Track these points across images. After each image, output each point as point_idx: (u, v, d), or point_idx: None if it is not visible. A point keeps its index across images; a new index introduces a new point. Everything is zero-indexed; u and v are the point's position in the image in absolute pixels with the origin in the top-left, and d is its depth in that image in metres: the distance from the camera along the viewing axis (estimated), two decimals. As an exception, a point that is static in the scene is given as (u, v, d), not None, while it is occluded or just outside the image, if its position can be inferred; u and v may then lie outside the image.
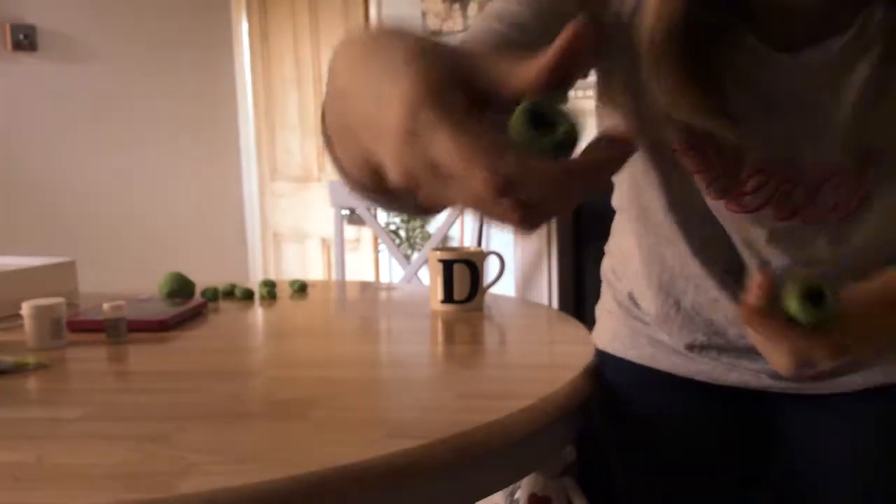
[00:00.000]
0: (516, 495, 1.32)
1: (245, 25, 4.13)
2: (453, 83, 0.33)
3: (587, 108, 0.77)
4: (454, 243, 2.87)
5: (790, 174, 0.68)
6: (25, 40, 3.39)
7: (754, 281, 0.48)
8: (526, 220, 0.31)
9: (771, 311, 0.45)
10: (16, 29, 3.37)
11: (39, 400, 0.72)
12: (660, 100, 0.66)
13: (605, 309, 0.95)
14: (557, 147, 0.30)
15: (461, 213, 2.32)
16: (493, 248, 1.35)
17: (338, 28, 3.84)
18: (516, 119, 0.31)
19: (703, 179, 0.71)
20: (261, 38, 4.12)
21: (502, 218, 0.32)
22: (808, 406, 0.77)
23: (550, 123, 0.30)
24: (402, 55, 0.34)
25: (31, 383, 0.76)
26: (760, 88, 0.66)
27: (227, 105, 4.15)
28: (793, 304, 0.46)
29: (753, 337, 0.47)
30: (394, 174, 0.33)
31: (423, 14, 3.49)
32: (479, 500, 0.62)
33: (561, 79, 0.32)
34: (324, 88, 0.44)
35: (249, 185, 4.24)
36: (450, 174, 0.31)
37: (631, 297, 0.88)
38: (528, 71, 0.32)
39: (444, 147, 0.30)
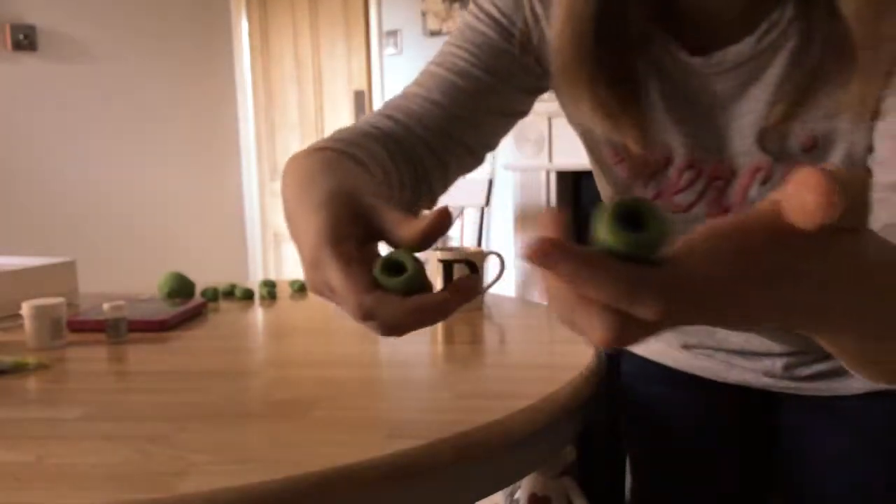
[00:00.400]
0: (516, 495, 1.32)
1: (245, 25, 4.13)
2: (353, 224, 0.45)
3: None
4: (454, 243, 2.87)
5: (720, 170, 0.68)
6: (25, 40, 3.39)
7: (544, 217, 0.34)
8: (388, 334, 0.44)
9: (569, 247, 0.30)
10: (16, 29, 3.37)
11: (39, 400, 0.72)
12: (574, 115, 0.67)
13: None
14: (405, 287, 0.42)
15: (461, 213, 2.33)
16: (493, 248, 1.35)
17: (338, 28, 3.84)
18: (377, 266, 0.43)
19: (636, 185, 0.71)
20: (261, 37, 4.13)
21: (373, 330, 0.44)
22: (809, 407, 0.78)
23: (403, 269, 0.43)
24: (318, 199, 0.46)
25: (31, 383, 0.76)
26: (681, 91, 0.66)
27: (227, 105, 4.15)
28: (603, 230, 0.31)
29: (554, 303, 0.32)
30: (307, 285, 0.46)
31: (423, 14, 3.49)
32: (479, 500, 0.62)
33: (427, 242, 0.44)
34: (323, 89, 0.50)
35: (249, 185, 4.24)
36: (338, 297, 0.44)
37: None
38: (407, 231, 0.44)
39: (333, 279, 0.43)
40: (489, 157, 0.76)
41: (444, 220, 0.43)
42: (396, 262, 0.44)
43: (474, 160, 0.72)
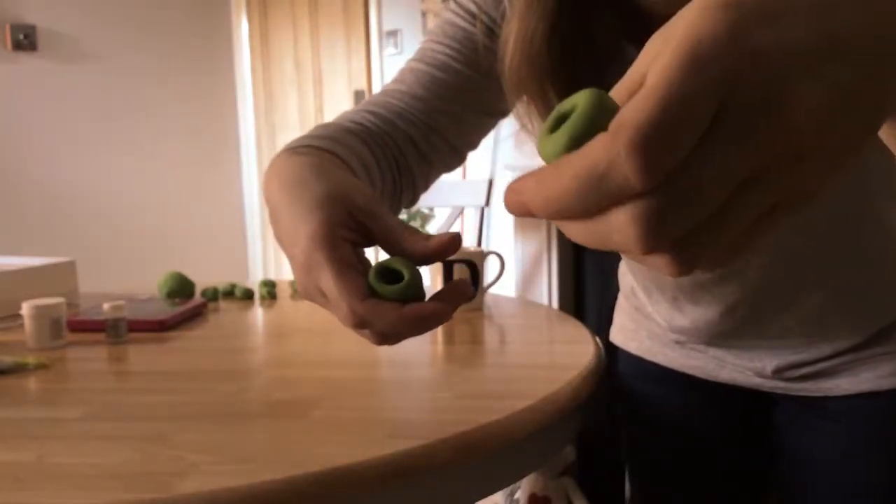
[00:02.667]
0: (516, 495, 1.32)
1: (245, 26, 4.13)
2: (348, 228, 0.44)
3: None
4: (454, 243, 2.86)
5: None
6: (25, 40, 3.39)
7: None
8: (382, 343, 0.44)
9: (522, 184, 0.25)
10: (16, 29, 3.37)
11: (39, 400, 0.72)
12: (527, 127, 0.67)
13: (618, 303, 0.97)
14: (401, 295, 0.42)
15: (461, 213, 2.33)
16: (493, 248, 1.35)
17: (338, 28, 3.84)
18: (371, 273, 0.43)
19: None
20: (261, 38, 4.13)
21: (367, 338, 0.44)
22: (800, 407, 0.78)
23: (398, 276, 0.42)
24: (311, 201, 0.45)
25: (31, 383, 0.76)
26: None
27: (227, 105, 4.15)
28: (540, 140, 0.26)
29: (579, 236, 0.25)
30: (298, 289, 0.45)
31: (423, 14, 3.49)
32: (479, 500, 0.62)
33: (433, 260, 0.43)
34: (323, 90, 0.48)
35: (249, 185, 4.24)
36: (330, 303, 0.43)
37: (633, 290, 0.89)
38: (415, 245, 0.44)
39: (326, 284, 0.42)
40: (489, 157, 0.76)
41: (455, 244, 0.43)
42: (392, 270, 0.43)
43: (457, 158, 0.71)
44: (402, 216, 3.16)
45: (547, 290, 2.79)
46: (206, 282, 1.25)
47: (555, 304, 2.70)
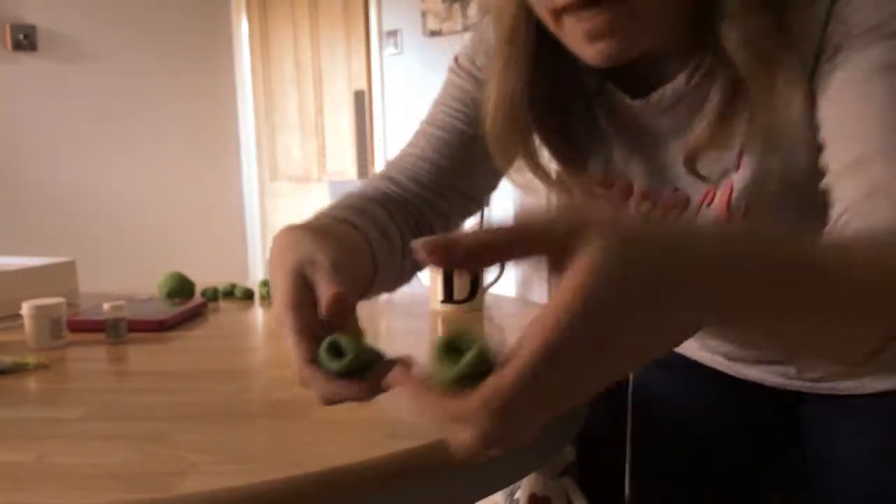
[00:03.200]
0: (516, 495, 1.32)
1: (245, 26, 4.13)
2: (311, 291, 0.49)
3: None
4: (454, 243, 2.86)
5: (675, 200, 0.69)
6: (25, 40, 3.40)
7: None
8: (326, 404, 0.47)
9: (410, 378, 0.36)
10: (16, 29, 3.37)
11: (39, 400, 0.72)
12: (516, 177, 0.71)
13: None
14: (347, 370, 0.44)
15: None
16: (493, 248, 1.35)
17: (338, 28, 3.84)
18: (322, 346, 0.46)
19: None
20: (261, 38, 4.13)
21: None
22: (825, 405, 0.78)
23: (342, 353, 0.45)
24: (287, 265, 0.50)
25: (31, 383, 0.76)
26: (632, 129, 0.68)
27: (227, 105, 4.15)
28: (432, 361, 0.36)
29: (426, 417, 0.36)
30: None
31: (423, 14, 3.49)
32: (479, 500, 0.62)
33: (337, 319, 0.47)
34: (323, 90, 0.51)
35: (249, 185, 4.24)
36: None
37: None
38: (322, 305, 0.47)
39: (287, 343, 0.47)
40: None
41: (342, 301, 0.47)
42: (338, 345, 0.46)
43: (475, 205, 0.77)
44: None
45: (547, 290, 2.79)
46: (206, 282, 1.25)
47: (555, 304, 2.70)
